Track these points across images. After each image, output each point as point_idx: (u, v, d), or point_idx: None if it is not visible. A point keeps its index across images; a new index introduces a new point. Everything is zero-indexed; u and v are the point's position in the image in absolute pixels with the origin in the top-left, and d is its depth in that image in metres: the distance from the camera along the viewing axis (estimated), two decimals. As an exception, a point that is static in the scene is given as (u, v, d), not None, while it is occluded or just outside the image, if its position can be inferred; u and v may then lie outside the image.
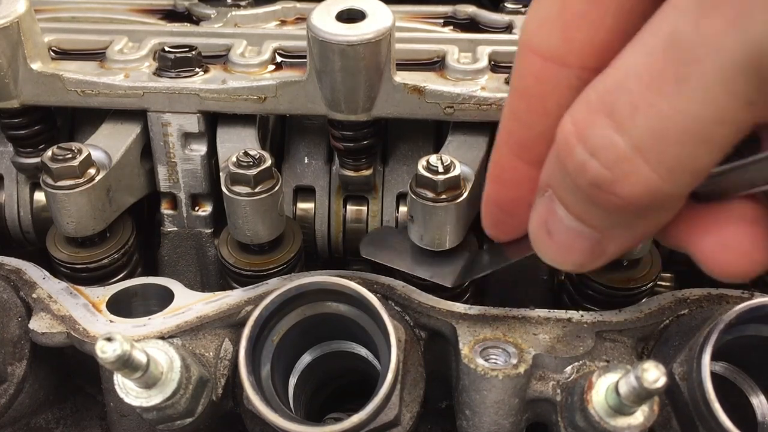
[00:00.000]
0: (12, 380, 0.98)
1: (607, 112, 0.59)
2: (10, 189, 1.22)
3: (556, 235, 0.70)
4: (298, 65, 1.13)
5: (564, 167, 0.63)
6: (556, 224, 0.69)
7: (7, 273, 1.03)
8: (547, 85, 0.69)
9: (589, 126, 0.60)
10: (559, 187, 0.67)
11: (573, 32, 0.66)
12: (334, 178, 1.21)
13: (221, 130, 1.15)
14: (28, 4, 1.05)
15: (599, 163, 0.60)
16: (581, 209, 0.66)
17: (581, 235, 0.68)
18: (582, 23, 0.65)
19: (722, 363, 0.96)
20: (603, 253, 0.69)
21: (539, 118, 0.72)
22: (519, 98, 0.73)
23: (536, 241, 0.74)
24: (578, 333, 0.92)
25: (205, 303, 0.97)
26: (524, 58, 0.71)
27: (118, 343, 0.70)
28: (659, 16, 0.57)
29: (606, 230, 0.66)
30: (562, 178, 0.65)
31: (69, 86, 1.09)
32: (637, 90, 0.57)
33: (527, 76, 0.71)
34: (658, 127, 0.56)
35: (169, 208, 1.20)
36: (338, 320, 0.89)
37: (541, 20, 0.69)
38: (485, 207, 0.85)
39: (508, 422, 0.88)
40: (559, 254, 0.72)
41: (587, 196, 0.63)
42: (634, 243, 0.69)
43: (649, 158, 0.57)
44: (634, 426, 0.76)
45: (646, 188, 0.59)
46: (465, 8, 1.38)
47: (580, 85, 0.66)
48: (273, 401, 0.83)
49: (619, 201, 0.60)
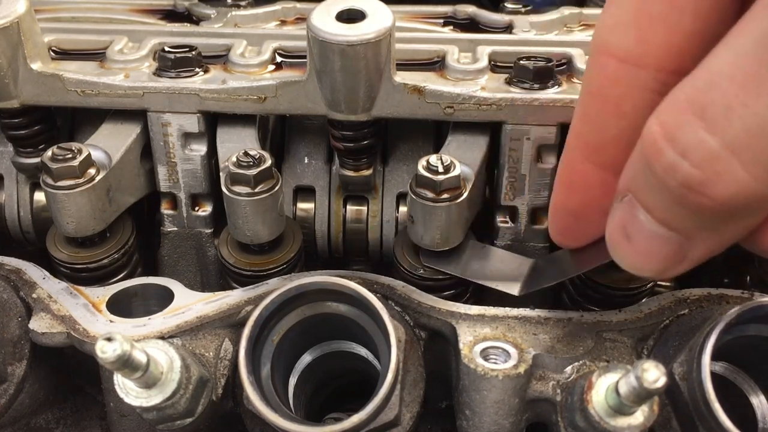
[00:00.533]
0: (12, 380, 0.98)
1: (698, 113, 0.58)
2: (10, 189, 1.22)
3: (637, 240, 0.69)
4: (298, 65, 1.13)
5: (651, 169, 0.62)
6: (636, 229, 0.68)
7: (7, 273, 1.03)
8: (622, 87, 0.69)
9: (678, 127, 0.59)
10: (642, 190, 0.66)
11: (649, 34, 0.66)
12: (334, 178, 1.21)
13: (221, 130, 1.15)
14: (28, 4, 1.05)
15: (690, 163, 0.59)
16: (666, 212, 0.65)
17: (664, 239, 0.67)
18: (659, 25, 0.65)
19: (722, 363, 0.96)
20: (685, 258, 0.68)
21: (613, 121, 0.71)
22: (592, 100, 0.73)
23: (615, 246, 0.72)
24: (578, 333, 0.92)
25: (205, 303, 0.97)
26: (598, 60, 0.70)
27: (118, 343, 0.70)
28: (750, 15, 0.56)
29: (690, 234, 0.66)
30: (646, 181, 0.64)
31: (69, 86, 1.09)
32: (730, 90, 0.56)
33: (601, 77, 0.70)
34: (754, 127, 0.56)
35: (169, 208, 1.20)
36: (338, 320, 0.89)
37: (615, 22, 0.68)
38: (553, 213, 0.84)
39: (508, 422, 0.88)
40: (640, 260, 0.71)
41: (675, 198, 0.62)
42: (719, 248, 0.68)
43: (744, 158, 0.57)
44: (634, 426, 0.76)
45: (738, 189, 0.58)
46: (465, 8, 1.38)
47: (656, 88, 0.66)
48: (273, 401, 0.83)
49: (710, 202, 0.60)
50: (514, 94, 1.06)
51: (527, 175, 1.11)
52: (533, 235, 1.17)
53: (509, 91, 1.06)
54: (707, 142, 0.58)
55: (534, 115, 1.06)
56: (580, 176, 0.78)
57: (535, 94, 1.05)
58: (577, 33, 1.33)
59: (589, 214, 0.79)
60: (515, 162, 1.10)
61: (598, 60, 0.71)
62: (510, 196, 1.14)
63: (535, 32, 1.31)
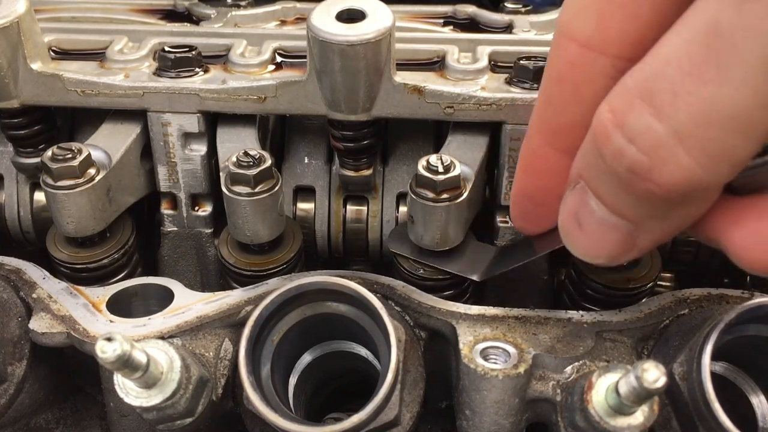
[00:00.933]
0: (12, 380, 0.98)
1: (646, 99, 0.59)
2: (10, 189, 1.22)
3: (587, 227, 0.70)
4: (298, 65, 1.13)
5: (600, 154, 0.63)
6: (587, 216, 0.69)
7: (7, 273, 1.03)
8: (582, 71, 0.69)
9: (627, 112, 0.60)
10: (592, 176, 0.66)
11: (609, 21, 0.66)
12: (334, 178, 1.21)
13: (221, 130, 1.15)
14: (28, 4, 1.05)
15: (637, 149, 0.59)
16: (615, 199, 0.65)
17: (613, 227, 0.67)
18: (618, 12, 0.66)
19: (722, 363, 0.96)
20: (634, 246, 0.69)
21: (573, 105, 0.71)
22: (553, 84, 0.73)
23: (566, 233, 0.73)
24: (578, 333, 0.92)
25: (205, 303, 0.97)
26: (560, 44, 0.70)
27: (118, 343, 0.70)
28: (699, 4, 0.57)
29: (639, 222, 0.66)
30: (596, 167, 0.65)
31: (69, 86, 1.09)
32: (677, 77, 0.57)
33: (562, 62, 0.71)
34: (699, 114, 0.56)
35: (169, 208, 1.20)
36: (338, 320, 0.89)
37: (578, 7, 0.69)
38: (514, 198, 0.84)
39: (508, 422, 0.88)
40: (590, 247, 0.71)
41: (622, 185, 0.63)
42: (666, 236, 0.69)
43: (689, 145, 0.57)
44: (634, 426, 0.76)
45: (684, 176, 0.59)
46: (465, 8, 1.38)
47: (615, 74, 0.66)
48: (273, 401, 0.83)
49: (656, 189, 0.60)
50: (514, 94, 1.06)
51: (527, 175, 1.11)
52: (533, 235, 1.17)
53: (509, 91, 1.06)
54: (654, 128, 0.58)
55: (534, 115, 1.06)
56: (541, 161, 0.78)
57: (535, 93, 1.05)
58: (577, 33, 1.33)
59: (548, 199, 0.79)
60: (515, 162, 1.10)
61: (559, 43, 0.71)
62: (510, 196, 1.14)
63: (535, 32, 1.31)
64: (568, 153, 0.74)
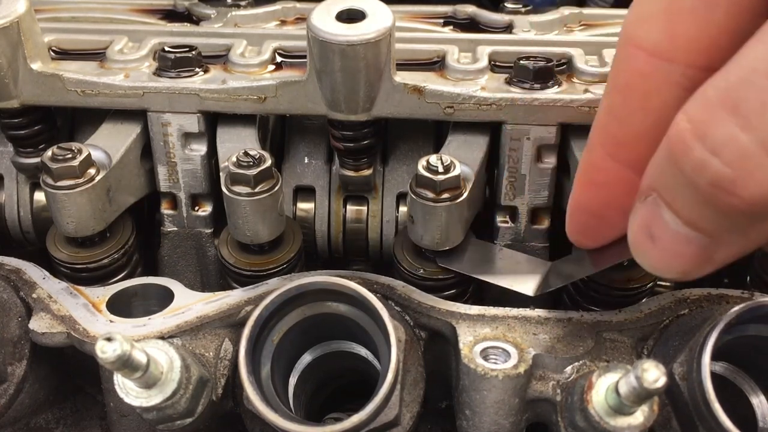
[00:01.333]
0: (12, 380, 0.98)
1: (730, 109, 0.56)
2: (10, 189, 1.22)
3: (661, 241, 0.67)
4: (298, 65, 1.13)
5: (678, 167, 0.60)
6: (660, 230, 0.66)
7: (7, 273, 1.03)
8: (650, 81, 0.67)
9: (709, 123, 0.57)
10: (668, 189, 0.64)
11: (680, 28, 0.64)
12: (334, 178, 1.21)
13: (221, 130, 1.15)
14: (28, 4, 1.05)
15: (721, 161, 0.57)
16: (693, 213, 0.63)
17: (689, 240, 0.65)
18: (689, 18, 0.63)
19: (722, 363, 0.96)
20: (710, 261, 0.66)
21: (638, 116, 0.69)
22: (618, 94, 0.71)
23: (637, 247, 0.70)
24: (578, 333, 0.92)
25: (205, 303, 0.97)
26: (626, 53, 0.68)
27: (118, 343, 0.70)
28: None
29: (717, 236, 0.63)
30: (673, 180, 0.62)
31: (69, 86, 1.09)
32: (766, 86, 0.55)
33: (629, 71, 0.68)
34: None
35: (169, 208, 1.20)
36: (338, 320, 0.89)
37: (645, 14, 0.66)
38: (572, 211, 0.81)
39: (508, 422, 0.88)
40: (663, 261, 0.68)
41: (702, 198, 0.60)
42: (745, 250, 0.66)
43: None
44: (634, 426, 0.76)
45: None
46: (465, 8, 1.38)
47: (685, 83, 0.64)
48: (273, 401, 0.83)
49: (739, 202, 0.58)
50: (514, 94, 1.06)
51: (527, 175, 1.12)
52: (533, 235, 1.17)
53: (509, 91, 1.06)
54: (740, 139, 0.56)
55: (534, 115, 1.06)
56: (602, 174, 0.75)
57: (535, 94, 1.05)
58: (577, 33, 1.33)
59: (609, 214, 0.77)
60: (515, 162, 1.10)
61: (625, 52, 0.68)
62: (510, 196, 1.14)
63: (535, 32, 1.31)
64: (631, 166, 0.71)
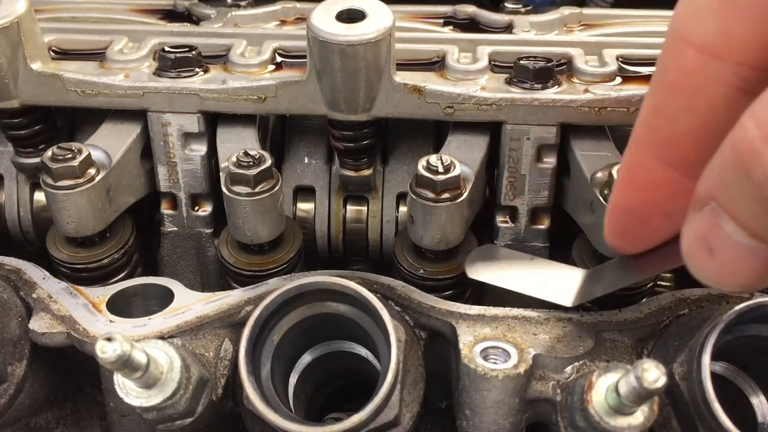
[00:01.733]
0: (12, 380, 0.98)
1: None
2: (10, 189, 1.22)
3: (721, 252, 0.63)
4: (298, 65, 1.13)
5: (746, 176, 0.56)
6: (720, 241, 0.62)
7: (7, 273, 1.03)
8: (699, 79, 0.64)
9: None
10: (731, 198, 0.60)
11: (734, 24, 0.61)
12: (334, 178, 1.21)
13: (221, 130, 1.15)
14: (28, 4, 1.05)
15: None
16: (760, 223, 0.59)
17: (753, 252, 0.61)
18: (745, 14, 0.60)
19: (722, 363, 0.96)
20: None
21: (686, 116, 0.66)
22: (664, 92, 0.68)
23: (693, 259, 0.66)
24: (578, 333, 0.92)
25: (205, 303, 0.97)
26: (674, 48, 0.65)
27: (118, 343, 0.70)
28: None
29: None
30: (738, 188, 0.58)
31: (69, 86, 1.09)
32: None
33: (676, 68, 0.65)
34: None
35: (169, 208, 1.20)
36: (338, 320, 0.89)
37: (696, 8, 0.63)
38: (612, 213, 0.78)
39: (508, 422, 0.88)
40: (723, 274, 0.64)
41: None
42: None
43: None
44: (634, 426, 0.76)
45: None
46: (465, 8, 1.38)
47: (736, 83, 0.61)
48: (273, 401, 0.83)
49: None
50: (514, 94, 1.06)
51: (527, 175, 1.12)
52: (533, 235, 1.17)
53: (509, 91, 1.06)
54: None
55: (534, 115, 1.06)
56: (645, 174, 0.72)
57: (535, 94, 1.05)
58: (577, 33, 1.33)
59: (652, 216, 0.74)
60: (515, 162, 1.10)
61: (674, 48, 0.65)
62: (510, 196, 1.14)
63: (535, 32, 1.31)
64: (676, 166, 0.69)
